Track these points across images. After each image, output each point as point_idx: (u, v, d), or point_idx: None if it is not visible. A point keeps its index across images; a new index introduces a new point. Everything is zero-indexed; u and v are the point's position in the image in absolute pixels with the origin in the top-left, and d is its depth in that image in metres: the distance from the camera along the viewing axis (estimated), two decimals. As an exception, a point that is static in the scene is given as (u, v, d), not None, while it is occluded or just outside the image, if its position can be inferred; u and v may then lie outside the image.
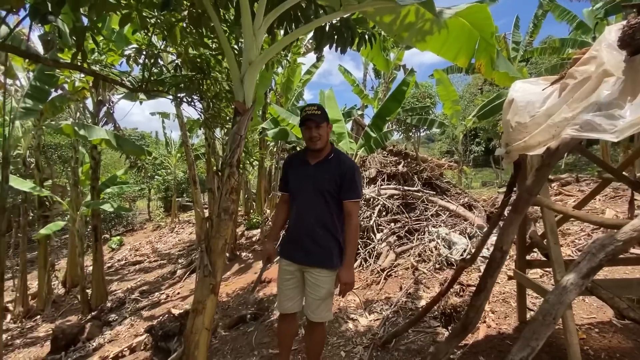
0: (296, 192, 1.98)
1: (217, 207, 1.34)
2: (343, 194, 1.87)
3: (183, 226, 12.29)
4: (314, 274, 1.88)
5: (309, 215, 1.90)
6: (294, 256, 1.96)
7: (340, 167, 1.89)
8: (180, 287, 5.89)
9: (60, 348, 4.15)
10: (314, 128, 1.86)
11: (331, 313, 1.99)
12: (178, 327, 3.33)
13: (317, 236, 1.87)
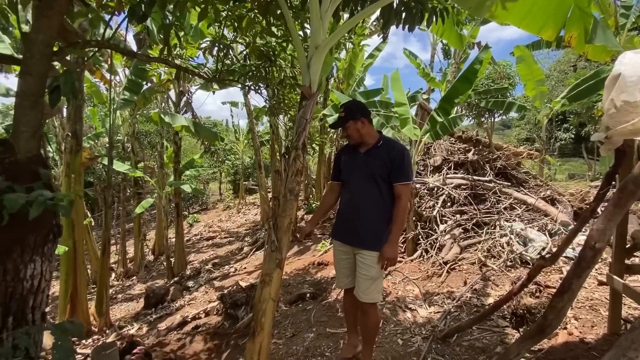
0: (348, 178, 2.08)
1: (284, 188, 1.41)
2: (393, 177, 1.93)
3: (249, 207, 13.23)
4: (364, 255, 1.95)
5: (359, 200, 1.99)
6: (345, 238, 2.07)
7: (389, 152, 1.95)
8: (246, 263, 6.40)
9: (151, 305, 4.88)
10: (342, 129, 2.00)
11: (380, 295, 2.04)
12: (245, 297, 3.65)
13: (367, 219, 1.96)
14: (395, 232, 1.92)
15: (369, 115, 2.05)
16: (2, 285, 1.64)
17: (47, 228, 1.78)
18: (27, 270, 1.71)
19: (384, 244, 1.91)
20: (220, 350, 3.22)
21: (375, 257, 1.93)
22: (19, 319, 1.67)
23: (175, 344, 3.42)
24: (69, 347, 1.49)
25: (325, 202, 2.26)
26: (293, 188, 1.41)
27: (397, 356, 2.26)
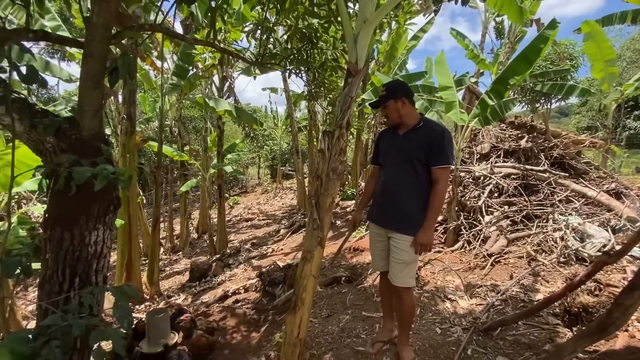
0: (385, 161, 2.04)
1: (327, 167, 1.40)
2: (431, 160, 1.86)
3: (286, 192, 13.52)
4: (398, 239, 1.91)
5: (395, 182, 1.95)
6: (380, 221, 2.04)
7: (429, 135, 1.87)
8: (283, 244, 6.58)
9: (195, 278, 5.23)
10: (382, 110, 1.94)
11: (414, 280, 2.00)
12: (282, 276, 3.76)
13: (403, 203, 1.91)
14: (430, 217, 1.86)
15: (411, 95, 1.97)
16: (69, 249, 1.83)
17: (109, 200, 1.94)
18: (91, 237, 1.89)
19: (419, 229, 1.86)
20: (259, 324, 3.38)
21: (408, 242, 1.89)
22: (84, 280, 1.86)
23: (217, 315, 3.65)
24: (127, 308, 1.63)
25: (369, 187, 2.23)
26: (336, 167, 1.39)
27: (435, 344, 2.20)
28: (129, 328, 1.55)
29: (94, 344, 1.41)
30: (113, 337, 1.43)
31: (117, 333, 1.44)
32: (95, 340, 1.40)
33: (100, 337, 1.40)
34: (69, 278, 1.79)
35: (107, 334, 1.42)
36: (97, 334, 1.42)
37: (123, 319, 1.54)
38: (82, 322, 1.44)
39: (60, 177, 1.68)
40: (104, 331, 1.42)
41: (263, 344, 2.84)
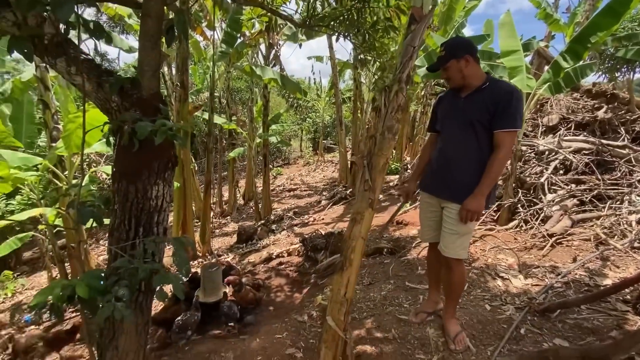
0: (444, 126, 1.90)
1: (382, 125, 1.31)
2: (495, 123, 1.67)
3: (327, 165, 13.55)
4: (451, 209, 1.80)
5: (453, 148, 1.82)
6: (433, 190, 1.94)
7: (494, 95, 1.68)
8: (324, 214, 6.67)
9: (242, 241, 5.54)
10: (442, 71, 1.79)
11: (466, 252, 1.89)
12: (324, 243, 3.82)
13: (460, 171, 1.78)
14: (484, 183, 1.70)
15: (475, 52, 1.76)
16: (134, 201, 1.98)
17: (167, 157, 2.05)
18: (153, 191, 2.03)
19: None
20: (301, 285, 3.51)
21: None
22: (147, 230, 2.02)
23: (262, 275, 3.85)
24: (185, 257, 1.75)
25: (424, 156, 2.10)
26: (392, 126, 1.30)
27: (484, 320, 2.11)
28: (187, 275, 1.67)
29: (156, 286, 1.55)
30: (173, 281, 1.56)
31: (177, 278, 1.56)
32: (157, 283, 1.53)
33: (162, 280, 1.54)
34: (134, 227, 1.96)
35: (168, 278, 1.54)
36: (159, 277, 1.55)
37: (182, 266, 1.65)
38: (147, 266, 1.58)
39: (124, 133, 1.79)
40: (165, 275, 1.55)
41: (305, 304, 2.94)
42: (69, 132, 3.34)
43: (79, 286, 1.35)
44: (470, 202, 1.70)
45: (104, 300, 1.43)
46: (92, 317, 1.67)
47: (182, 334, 2.50)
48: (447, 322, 2.00)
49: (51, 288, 1.35)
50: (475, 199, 1.69)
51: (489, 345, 1.89)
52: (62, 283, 1.38)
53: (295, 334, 2.41)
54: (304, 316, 2.65)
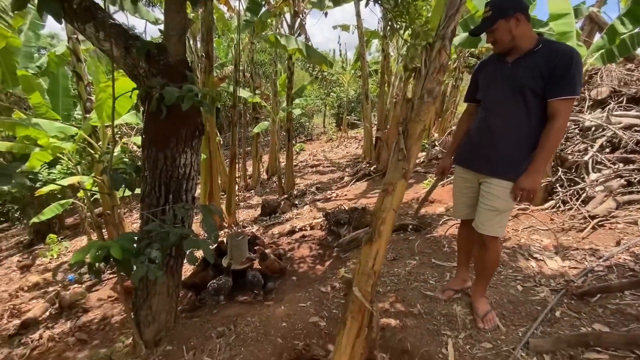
0: (487, 95, 1.73)
1: (420, 88, 1.20)
2: (550, 90, 1.50)
3: (350, 141, 13.33)
4: (491, 184, 1.69)
5: (497, 119, 1.66)
6: (472, 164, 1.82)
7: (550, 57, 1.49)
8: (347, 191, 6.63)
9: (265, 213, 5.64)
10: (488, 34, 1.62)
11: (504, 230, 1.80)
12: (348, 218, 3.80)
13: (505, 143, 1.64)
14: (540, 159, 1.56)
15: (526, 9, 1.56)
16: (163, 168, 2.01)
17: (194, 125, 2.04)
18: (181, 159, 2.04)
19: (522, 172, 1.60)
20: (324, 258, 3.54)
21: (506, 188, 1.66)
22: (176, 197, 2.06)
23: (286, 246, 3.91)
24: (213, 224, 1.77)
25: (461, 129, 1.96)
26: (432, 88, 1.19)
27: (515, 301, 2.03)
28: (215, 240, 1.70)
29: (187, 250, 1.59)
30: (203, 246, 1.59)
31: (206, 243, 1.59)
32: (188, 247, 1.57)
33: (192, 244, 1.57)
34: (164, 194, 2.00)
35: (198, 243, 1.57)
36: (189, 242, 1.58)
37: (210, 233, 1.68)
38: (177, 231, 1.61)
39: (152, 99, 1.78)
40: (195, 240, 1.58)
41: (328, 276, 2.97)
42: (101, 102, 3.42)
43: (113, 247, 1.40)
44: (525, 180, 1.57)
45: (138, 261, 1.48)
46: (127, 277, 1.75)
47: (216, 297, 2.61)
48: (476, 301, 1.94)
49: (88, 248, 1.41)
50: (530, 176, 1.57)
51: (520, 326, 1.82)
52: (98, 244, 1.43)
53: (319, 303, 2.44)
54: (327, 287, 2.67)
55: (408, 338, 1.85)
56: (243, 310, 2.43)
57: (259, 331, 2.09)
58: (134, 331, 2.12)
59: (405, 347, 1.82)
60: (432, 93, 1.20)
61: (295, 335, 2.08)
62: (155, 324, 2.16)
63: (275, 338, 2.04)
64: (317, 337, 2.09)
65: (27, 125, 3.18)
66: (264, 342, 2.01)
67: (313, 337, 2.08)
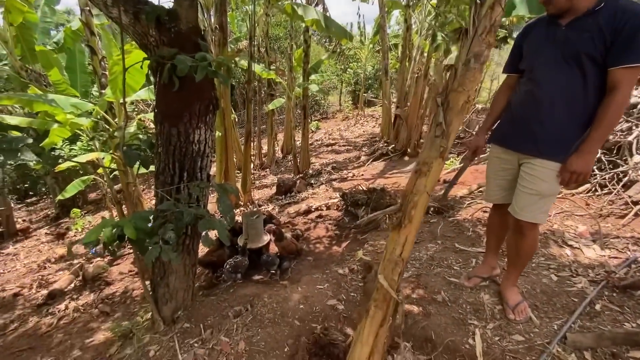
0: (534, 63, 1.51)
1: (466, 52, 1.03)
2: (612, 56, 1.28)
3: (367, 119, 12.97)
4: (537, 165, 1.51)
5: (547, 90, 1.45)
6: (512, 142, 1.63)
7: (615, 18, 1.26)
8: (363, 170, 6.47)
9: (281, 192, 5.58)
10: None
11: (546, 216, 1.62)
12: (366, 199, 3.68)
13: (554, 118, 1.44)
14: (595, 138, 1.36)
15: None
16: (177, 145, 1.91)
17: (208, 99, 1.92)
18: (195, 135, 1.94)
19: (572, 153, 1.42)
20: (340, 239, 3.46)
21: (552, 170, 1.48)
22: (191, 175, 1.98)
23: (302, 226, 3.86)
24: (230, 204, 1.68)
25: (499, 103, 1.75)
26: (480, 52, 1.01)
27: (549, 291, 1.89)
28: (231, 221, 1.63)
29: (202, 231, 1.52)
30: (218, 227, 1.51)
31: (222, 225, 1.51)
32: (203, 228, 1.50)
33: (208, 225, 1.50)
34: (178, 172, 1.92)
35: (214, 224, 1.50)
36: (204, 222, 1.51)
37: (226, 213, 1.60)
38: (191, 211, 1.53)
39: (164, 70, 1.66)
40: (210, 221, 1.50)
41: (346, 258, 2.90)
42: (114, 76, 3.34)
43: (126, 227, 1.34)
44: (576, 161, 1.39)
45: (152, 242, 1.42)
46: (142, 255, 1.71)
47: (233, 274, 2.59)
48: (506, 290, 1.82)
49: (101, 227, 1.36)
50: (583, 157, 1.38)
51: (556, 319, 1.69)
52: (112, 223, 1.37)
53: (336, 286, 2.38)
54: (345, 269, 2.60)
55: (432, 326, 1.76)
56: (259, 290, 2.39)
57: (275, 312, 2.05)
58: (152, 308, 2.12)
59: (429, 336, 1.73)
60: (479, 58, 1.02)
61: (313, 318, 2.03)
62: (173, 302, 2.16)
63: (293, 320, 2.00)
64: (335, 320, 2.03)
65: (44, 102, 3.15)
66: (281, 324, 1.97)
67: (331, 320, 2.03)
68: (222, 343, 1.87)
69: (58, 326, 2.99)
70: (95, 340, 2.61)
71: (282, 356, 1.76)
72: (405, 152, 6.68)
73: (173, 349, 1.92)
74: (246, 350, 1.80)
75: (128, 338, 2.27)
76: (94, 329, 2.81)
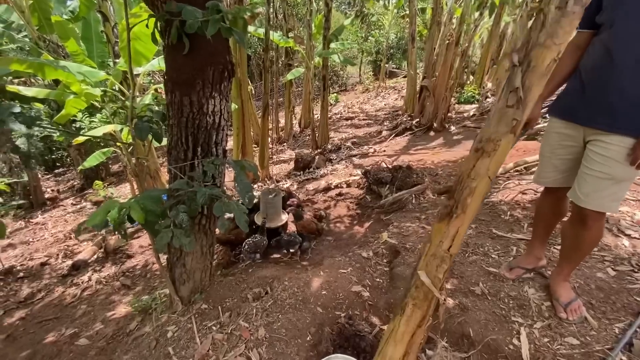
0: (616, 16, 1.21)
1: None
2: None
3: (389, 92, 12.36)
4: (610, 143, 1.26)
5: (631, 50, 1.18)
6: (580, 115, 1.36)
7: None
8: (385, 146, 6.17)
9: (299, 168, 5.41)
10: None
11: (617, 205, 1.36)
12: (390, 177, 3.45)
13: (638, 85, 1.18)
14: None
15: None
16: (189, 116, 1.72)
17: (222, 64, 1.69)
18: (209, 105, 1.74)
19: None
20: (362, 219, 3.29)
21: (630, 149, 1.23)
22: (205, 150, 1.80)
23: (321, 204, 3.70)
24: (248, 183, 1.51)
25: (563, 67, 1.44)
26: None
27: (606, 288, 1.66)
28: (250, 203, 1.46)
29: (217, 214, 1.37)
30: (236, 211, 1.35)
31: (240, 208, 1.35)
32: (218, 212, 1.34)
33: (224, 208, 1.35)
34: (192, 146, 1.75)
35: (230, 206, 1.34)
36: (219, 205, 1.35)
37: (244, 194, 1.43)
38: (206, 190, 1.37)
39: (172, 27, 1.44)
40: (227, 203, 1.35)
41: (369, 240, 2.73)
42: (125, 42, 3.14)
43: (133, 210, 1.19)
44: None
45: (162, 225, 1.28)
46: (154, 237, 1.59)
47: (252, 254, 2.50)
48: (557, 285, 1.60)
49: (107, 209, 1.22)
50: None
51: (617, 321, 1.48)
52: (118, 205, 1.23)
53: (360, 270, 2.23)
54: (369, 252, 2.44)
55: (470, 322, 1.60)
56: (279, 271, 2.28)
57: (297, 298, 1.93)
58: (170, 288, 2.05)
59: (466, 332, 1.57)
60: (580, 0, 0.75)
61: (337, 305, 1.90)
62: (190, 282, 2.08)
63: (315, 307, 1.87)
64: (360, 308, 1.90)
65: (55, 68, 3.01)
66: (303, 310, 1.85)
67: (356, 308, 1.89)
68: (242, 328, 1.78)
69: (82, 297, 3.04)
70: (117, 313, 2.62)
71: (304, 345, 1.65)
72: (431, 126, 6.28)
73: (191, 331, 1.86)
74: (266, 337, 1.70)
75: (148, 313, 2.24)
76: (116, 302, 2.83)
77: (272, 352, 1.62)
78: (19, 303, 3.09)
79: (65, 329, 2.54)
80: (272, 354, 1.61)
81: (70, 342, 2.33)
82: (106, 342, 2.20)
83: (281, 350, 1.63)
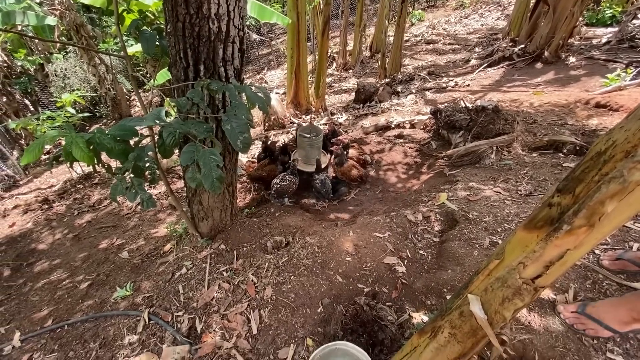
0: None
1: None
2: None
3: (490, 8, 9.88)
4: None
5: None
6: None
7: None
8: (471, 80, 5.01)
9: (359, 100, 4.76)
10: None
11: None
12: (467, 120, 2.70)
13: None
14: None
15: None
16: (186, 20, 1.30)
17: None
18: (211, 5, 1.30)
19: None
20: (421, 170, 2.73)
21: None
22: (210, 69, 1.39)
23: (374, 146, 3.17)
24: (243, 120, 1.11)
25: None
26: None
27: None
28: (244, 150, 1.08)
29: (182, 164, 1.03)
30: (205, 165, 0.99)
31: (211, 160, 0.98)
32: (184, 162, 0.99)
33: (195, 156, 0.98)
34: (192, 63, 1.36)
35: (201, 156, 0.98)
36: (188, 152, 0.99)
37: (235, 136, 1.04)
38: (177, 127, 1.02)
39: None
40: (198, 150, 0.98)
41: (422, 198, 2.23)
42: None
43: (74, 147, 0.90)
44: None
45: (122, 169, 1.00)
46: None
47: (279, 199, 2.24)
48: None
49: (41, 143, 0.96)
50: None
51: None
52: (49, 138, 0.94)
53: (401, 237, 1.81)
54: (418, 215, 1.97)
55: (538, 345, 1.12)
56: (305, 223, 1.99)
57: (315, 259, 1.64)
58: (188, 224, 1.94)
59: (529, 358, 1.11)
60: None
61: (361, 276, 1.57)
62: (209, 220, 1.93)
63: (335, 274, 1.57)
64: (389, 285, 1.54)
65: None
66: (320, 275, 1.57)
67: (384, 285, 1.54)
68: (248, 283, 1.59)
69: (135, 210, 3.26)
70: (159, 232, 2.72)
71: (312, 318, 1.40)
72: (540, 55, 4.82)
73: (203, 272, 1.75)
74: (272, 299, 1.49)
75: (180, 239, 2.24)
76: (160, 221, 2.95)
77: (274, 318, 1.41)
78: (89, 207, 3.46)
79: (116, 238, 2.75)
80: (273, 320, 1.40)
81: (116, 252, 2.50)
82: (141, 260, 2.29)
83: (285, 318, 1.41)
